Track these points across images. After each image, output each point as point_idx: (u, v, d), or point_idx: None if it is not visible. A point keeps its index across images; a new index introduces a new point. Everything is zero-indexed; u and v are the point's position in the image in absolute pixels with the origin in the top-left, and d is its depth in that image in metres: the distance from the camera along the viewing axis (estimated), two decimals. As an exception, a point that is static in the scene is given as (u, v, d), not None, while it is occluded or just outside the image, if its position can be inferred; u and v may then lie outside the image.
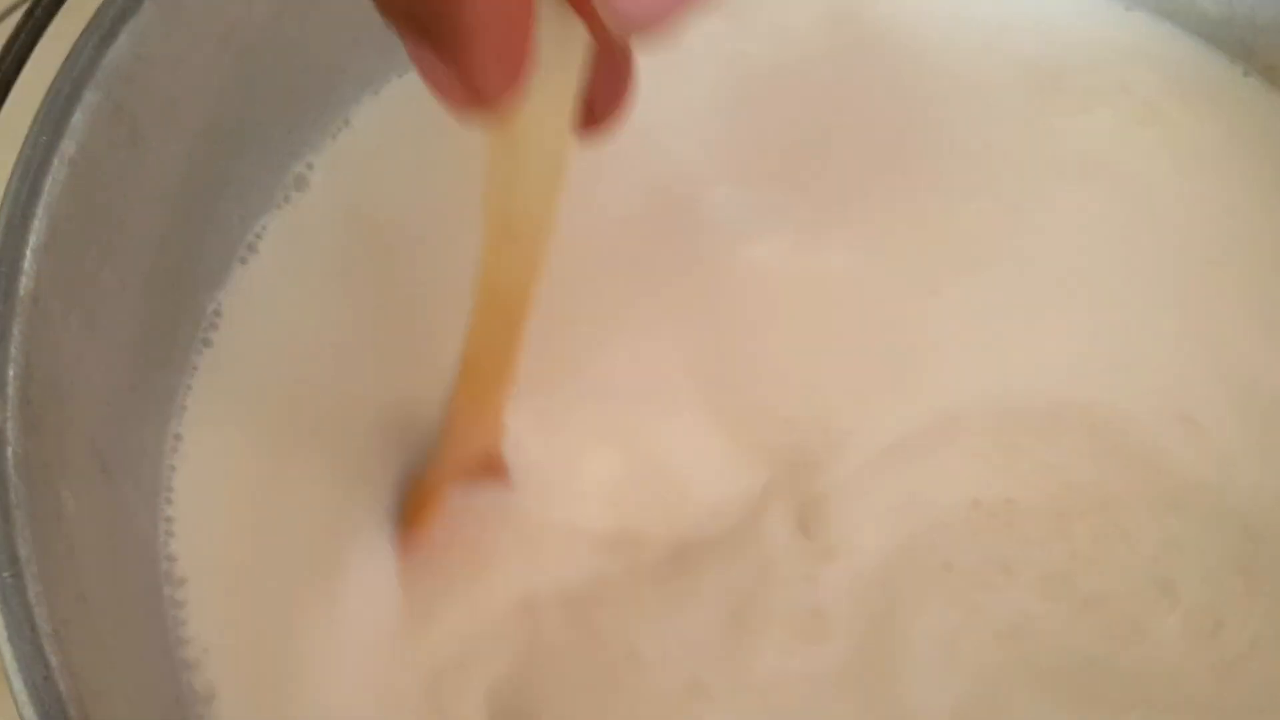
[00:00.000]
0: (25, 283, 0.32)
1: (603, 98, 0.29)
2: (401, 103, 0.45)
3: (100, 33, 0.35)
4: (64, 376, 0.33)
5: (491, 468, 0.39)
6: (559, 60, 0.27)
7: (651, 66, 0.33)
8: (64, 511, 0.32)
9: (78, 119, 0.34)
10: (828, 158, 0.45)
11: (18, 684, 0.28)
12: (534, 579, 0.38)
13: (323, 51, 0.42)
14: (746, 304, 0.42)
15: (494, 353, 0.34)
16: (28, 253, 0.33)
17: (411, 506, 0.39)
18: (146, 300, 0.37)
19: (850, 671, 0.37)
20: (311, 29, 0.41)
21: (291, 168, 0.43)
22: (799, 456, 0.40)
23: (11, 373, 0.32)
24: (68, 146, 0.34)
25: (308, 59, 0.42)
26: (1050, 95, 0.46)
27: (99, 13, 0.35)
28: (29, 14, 0.37)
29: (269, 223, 0.42)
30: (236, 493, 0.38)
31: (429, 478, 0.38)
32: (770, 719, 0.36)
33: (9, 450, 0.31)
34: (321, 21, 0.42)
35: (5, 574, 0.29)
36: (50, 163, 0.33)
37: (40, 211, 0.33)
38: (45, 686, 0.28)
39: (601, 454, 0.40)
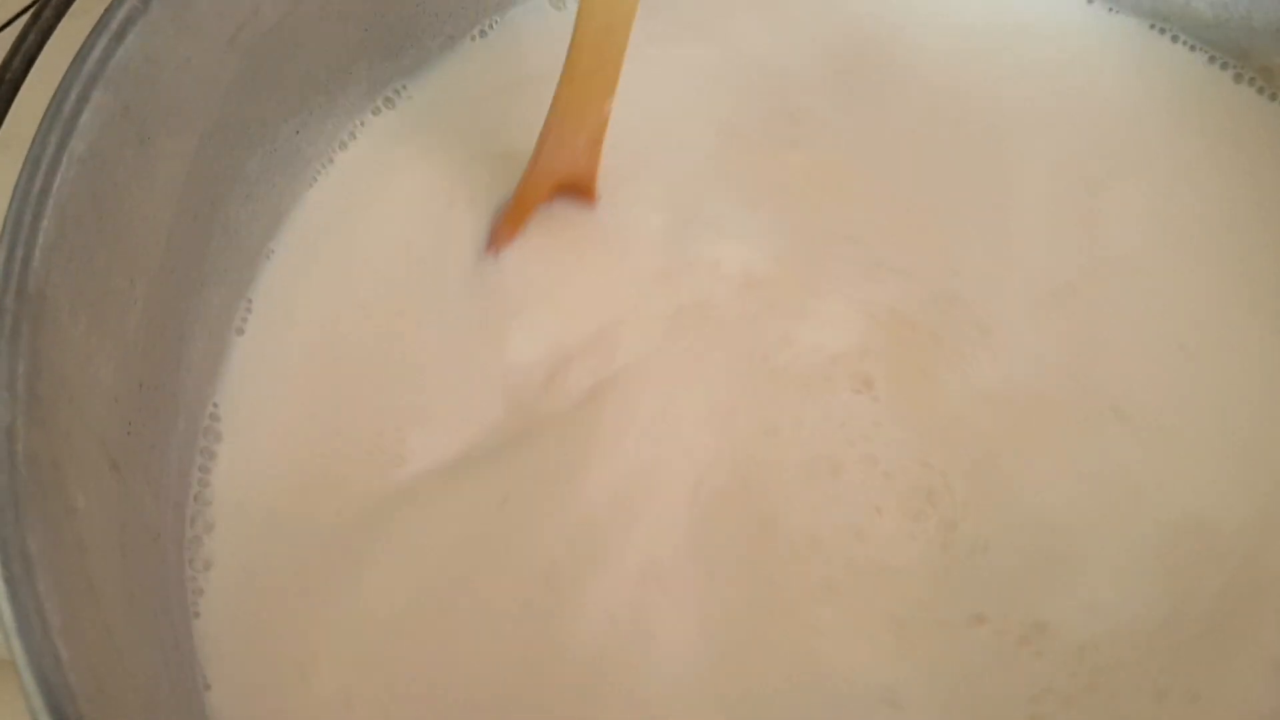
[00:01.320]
0: (34, 281, 0.33)
1: None
2: (407, 104, 0.45)
3: (108, 34, 0.35)
4: (73, 374, 0.34)
5: (581, 186, 0.43)
6: None
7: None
8: (74, 507, 0.32)
9: (86, 119, 0.34)
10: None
11: (28, 677, 0.28)
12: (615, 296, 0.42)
13: (329, 54, 0.43)
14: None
15: (595, 59, 0.38)
16: (37, 252, 0.33)
17: (506, 214, 0.43)
18: (155, 299, 0.38)
19: None
20: (318, 31, 0.42)
21: (299, 168, 0.43)
22: None
23: (21, 370, 0.32)
24: (77, 146, 0.34)
25: (314, 61, 0.42)
26: (1045, 99, 0.46)
27: (106, 14, 0.35)
28: (36, 15, 0.37)
29: (278, 222, 0.43)
30: (254, 493, 0.39)
31: (524, 187, 0.42)
32: None
33: (19, 447, 0.31)
34: (328, 24, 0.42)
35: (15, 568, 0.29)
36: (59, 162, 0.34)
37: (49, 210, 0.33)
38: (55, 679, 0.28)
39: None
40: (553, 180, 0.43)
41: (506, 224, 0.43)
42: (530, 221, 0.43)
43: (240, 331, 0.42)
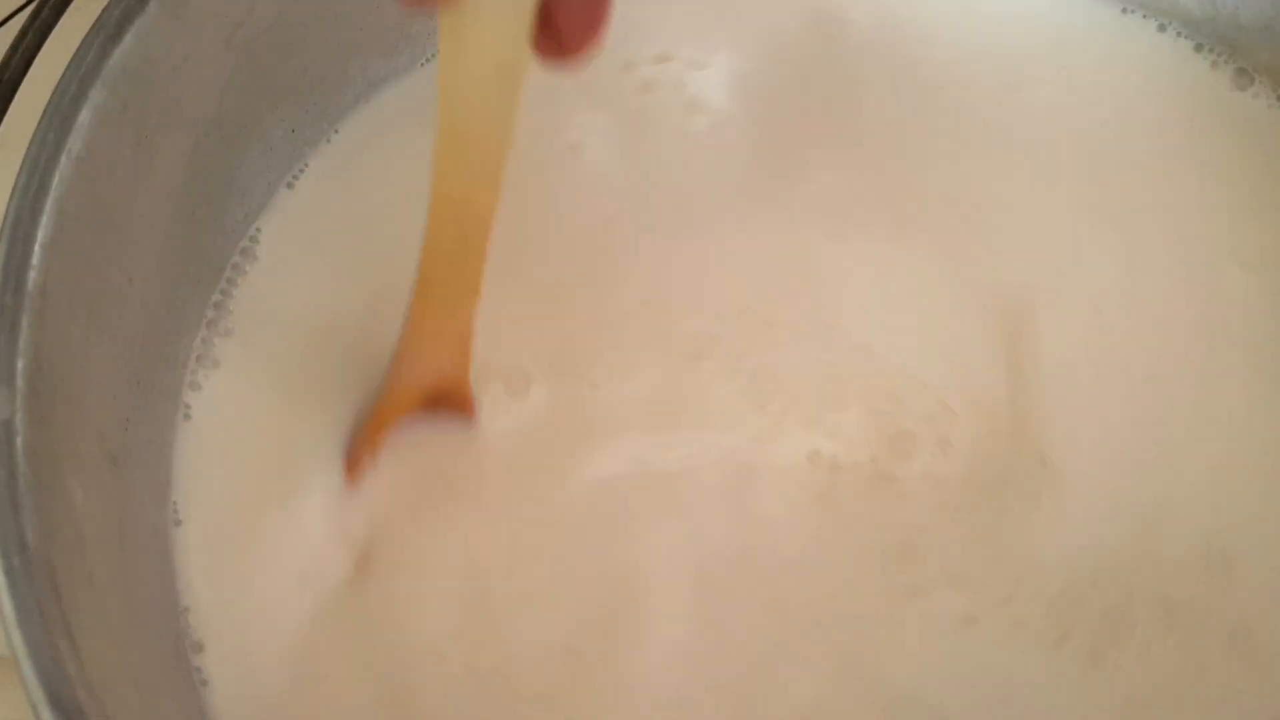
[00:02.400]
0: (34, 278, 0.33)
1: (570, 26, 0.27)
2: (402, 104, 0.46)
3: (106, 33, 0.35)
4: (72, 370, 0.34)
5: (454, 398, 0.38)
6: None
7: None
8: (73, 501, 0.32)
9: (84, 118, 0.35)
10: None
11: (27, 668, 0.29)
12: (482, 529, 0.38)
13: (324, 53, 0.43)
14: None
15: (450, 269, 0.34)
16: (36, 248, 0.33)
17: (361, 433, 0.38)
18: (152, 296, 0.38)
19: None
20: (313, 31, 0.42)
21: (293, 167, 0.44)
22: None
23: (20, 365, 0.32)
24: (75, 145, 0.34)
25: (309, 60, 0.43)
26: (1032, 92, 0.46)
27: (104, 14, 0.36)
28: (35, 15, 0.37)
29: (270, 221, 0.43)
30: (244, 489, 0.39)
31: (381, 403, 0.38)
32: None
33: (18, 441, 0.31)
34: (323, 24, 0.42)
35: (15, 562, 0.30)
36: (58, 160, 0.34)
37: (48, 208, 0.33)
38: (54, 670, 0.29)
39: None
40: (415, 394, 0.38)
41: (362, 444, 0.38)
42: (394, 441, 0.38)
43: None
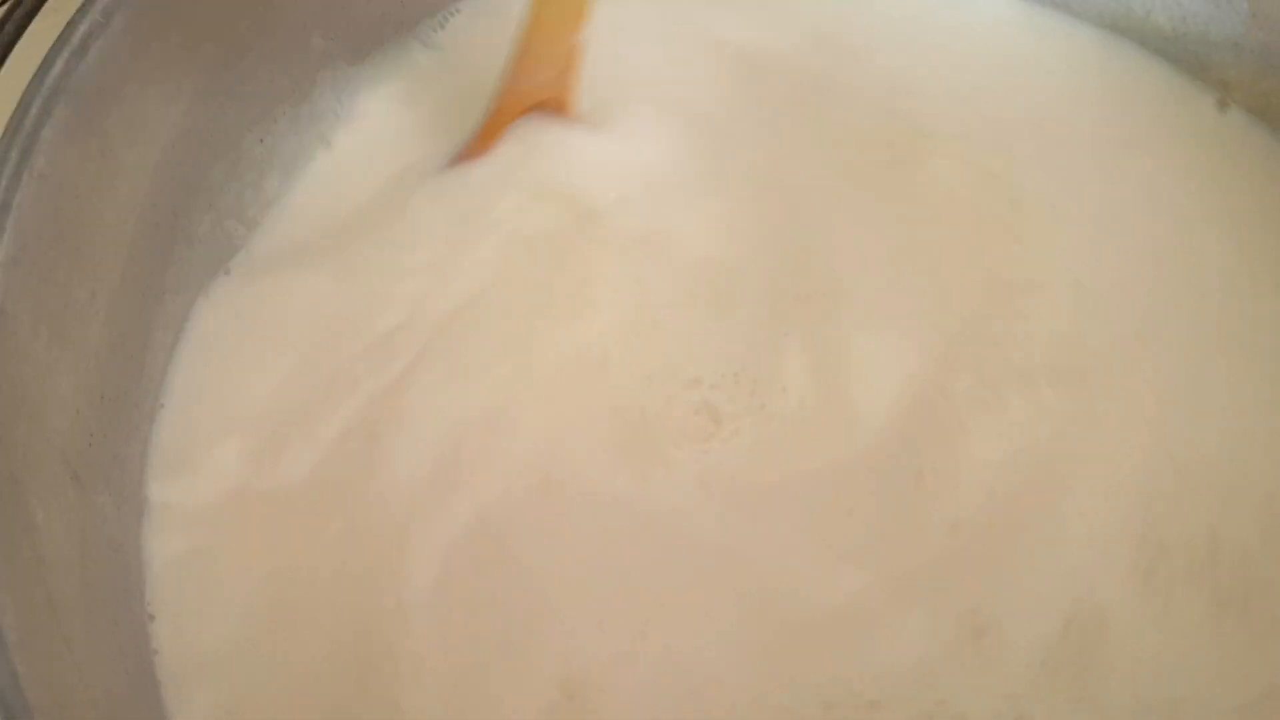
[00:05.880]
0: (-6, 297, 0.33)
1: None
2: (373, 115, 0.46)
3: (69, 49, 0.35)
4: (33, 388, 0.34)
5: (557, 105, 0.44)
6: None
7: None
8: (34, 523, 0.32)
9: (47, 134, 0.35)
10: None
11: (-15, 695, 0.29)
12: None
13: (292, 64, 0.43)
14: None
15: None
16: (-3, 266, 0.33)
17: (475, 137, 0.43)
18: (117, 310, 0.38)
19: None
20: (281, 42, 0.42)
21: (262, 178, 0.44)
22: None
23: (-21, 385, 0.32)
24: (37, 162, 0.34)
25: (277, 71, 0.43)
26: (1001, 106, 0.47)
27: (68, 29, 0.36)
28: (2, 24, 0.37)
29: (238, 234, 0.43)
30: (215, 500, 0.39)
31: (493, 113, 0.43)
32: None
33: (-24, 462, 0.31)
34: (291, 34, 0.42)
35: (-31, 583, 0.30)
36: (20, 179, 0.34)
37: (9, 226, 0.33)
38: (12, 696, 0.29)
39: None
40: (524, 104, 0.43)
41: (478, 141, 0.44)
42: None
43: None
